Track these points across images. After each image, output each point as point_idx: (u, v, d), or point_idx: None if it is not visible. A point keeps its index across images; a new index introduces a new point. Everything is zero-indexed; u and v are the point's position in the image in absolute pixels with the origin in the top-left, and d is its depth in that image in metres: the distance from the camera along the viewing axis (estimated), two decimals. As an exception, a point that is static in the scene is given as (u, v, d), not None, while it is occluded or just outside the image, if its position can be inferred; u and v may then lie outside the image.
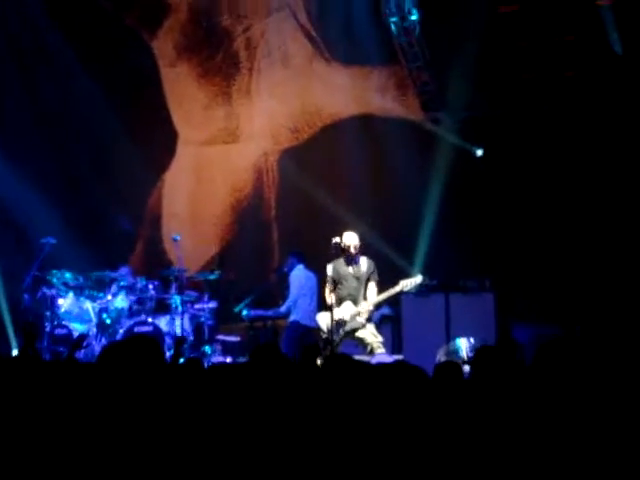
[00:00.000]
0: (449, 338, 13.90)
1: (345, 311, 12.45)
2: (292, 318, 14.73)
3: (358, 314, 12.40)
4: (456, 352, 12.65)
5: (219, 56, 18.25)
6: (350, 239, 12.60)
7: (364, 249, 12.77)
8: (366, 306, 12.44)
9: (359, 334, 12.42)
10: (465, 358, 12.20)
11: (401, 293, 12.97)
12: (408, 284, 12.57)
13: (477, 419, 5.48)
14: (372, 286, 12.57)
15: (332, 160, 17.37)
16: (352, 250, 12.54)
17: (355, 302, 12.49)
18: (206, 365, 10.99)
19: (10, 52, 17.32)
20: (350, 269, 12.59)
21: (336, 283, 12.52)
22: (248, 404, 5.30)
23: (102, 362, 5.21)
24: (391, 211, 16.45)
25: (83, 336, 11.84)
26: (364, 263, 12.63)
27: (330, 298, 12.38)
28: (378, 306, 12.95)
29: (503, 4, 15.58)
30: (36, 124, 17.45)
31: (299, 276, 14.94)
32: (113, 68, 17.87)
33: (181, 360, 9.58)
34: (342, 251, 12.56)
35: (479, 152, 16.33)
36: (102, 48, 17.94)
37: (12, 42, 17.38)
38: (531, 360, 5.80)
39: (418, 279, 12.66)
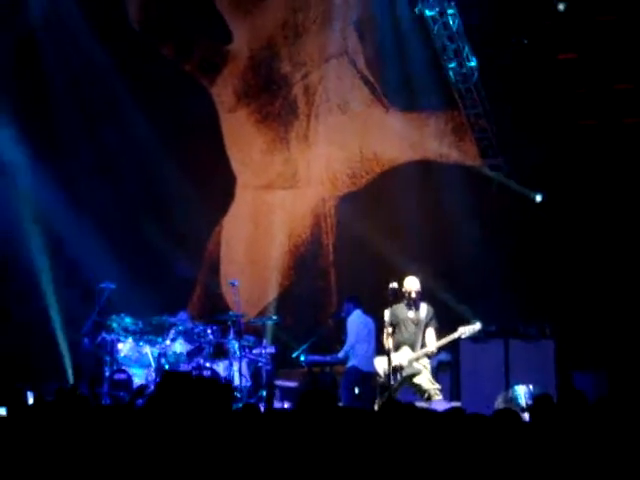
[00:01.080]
0: (508, 385, 13.75)
1: (403, 357, 12.39)
2: (350, 364, 14.66)
3: (416, 360, 12.34)
4: (515, 400, 12.51)
5: (278, 102, 18.39)
6: (411, 284, 12.56)
7: (423, 295, 12.73)
8: (424, 352, 12.37)
9: (416, 380, 12.36)
10: (524, 406, 12.06)
11: (459, 339, 12.88)
12: (467, 331, 12.50)
13: (536, 467, 5.42)
14: (431, 332, 12.51)
15: (390, 205, 17.35)
16: (413, 295, 12.51)
17: (413, 348, 12.43)
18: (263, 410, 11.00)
19: (73, 98, 17.58)
20: (409, 314, 12.55)
21: (394, 328, 12.47)
22: (302, 450, 5.29)
23: (160, 394, 5.21)
24: (450, 257, 16.38)
25: (145, 386, 11.89)
26: (424, 309, 12.59)
27: (388, 343, 12.33)
28: (436, 352, 12.86)
29: (562, 52, 15.53)
30: (97, 169, 17.68)
31: (356, 321, 14.89)
32: (173, 114, 18.07)
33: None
34: (402, 296, 12.54)
35: (538, 198, 16.23)
36: (162, 94, 18.17)
37: (74, 88, 17.64)
38: (592, 409, 5.73)
39: (477, 326, 12.57)
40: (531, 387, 12.73)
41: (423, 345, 12.43)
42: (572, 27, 15.23)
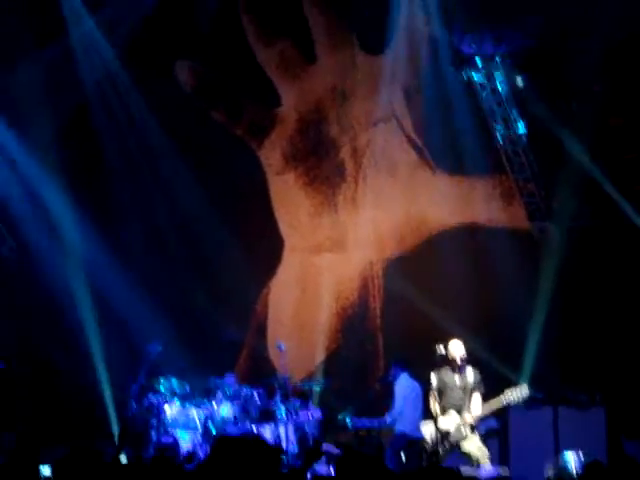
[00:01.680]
0: (557, 452, 13.57)
1: (450, 422, 12.31)
2: (398, 429, 14.58)
3: (463, 425, 12.24)
4: (565, 468, 12.31)
5: (325, 165, 18.49)
6: (456, 348, 12.53)
7: (470, 359, 12.66)
8: (471, 417, 12.27)
9: (464, 445, 12.26)
10: (574, 474, 11.89)
11: (508, 406, 12.75)
12: (514, 394, 12.40)
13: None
14: (477, 397, 12.44)
15: (437, 269, 17.29)
16: (458, 360, 12.47)
17: (460, 412, 12.36)
18: (310, 475, 10.92)
19: (124, 162, 17.82)
20: (456, 379, 12.49)
21: (441, 392, 12.41)
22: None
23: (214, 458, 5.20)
24: (497, 321, 16.26)
25: (193, 455, 11.89)
26: (470, 373, 12.52)
27: (435, 408, 12.29)
28: (484, 417, 12.75)
29: (613, 116, 15.51)
30: (146, 231, 17.86)
31: (404, 385, 14.81)
32: (222, 177, 18.24)
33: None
34: (448, 360, 12.49)
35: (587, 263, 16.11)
36: (212, 157, 18.38)
37: (125, 152, 17.88)
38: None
39: (524, 389, 12.47)
40: (581, 454, 12.55)
41: (470, 409, 12.34)
42: (621, 92, 15.20)
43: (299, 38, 18.28)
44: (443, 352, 12.44)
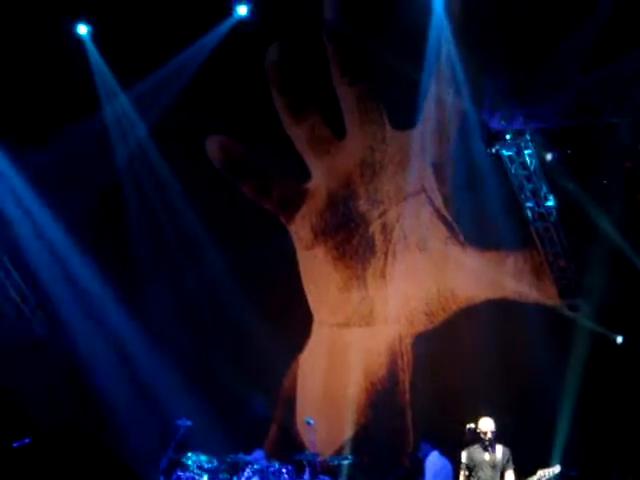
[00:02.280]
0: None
1: None
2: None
3: None
4: None
5: (355, 240, 18.50)
6: (486, 425, 12.42)
7: (500, 438, 12.54)
8: None
9: None
10: None
11: None
12: (546, 474, 12.25)
13: None
14: (510, 475, 12.29)
15: (467, 344, 17.22)
16: (488, 436, 12.35)
17: None
18: None
19: (154, 237, 17.95)
20: (486, 456, 12.37)
21: (471, 470, 12.29)
22: None
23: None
24: (528, 397, 16.16)
25: None
26: (500, 451, 12.41)
27: None
28: None
29: (640, 192, 15.56)
30: (176, 307, 17.93)
31: (434, 462, 14.72)
32: (251, 251, 18.26)
33: None
34: (478, 438, 12.39)
35: (619, 339, 15.98)
36: (241, 231, 18.46)
37: (156, 227, 18.02)
38: None
39: (556, 469, 12.33)
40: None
41: None
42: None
43: (329, 114, 18.41)
44: (473, 430, 12.37)
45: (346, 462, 16.16)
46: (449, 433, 14.60)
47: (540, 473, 12.27)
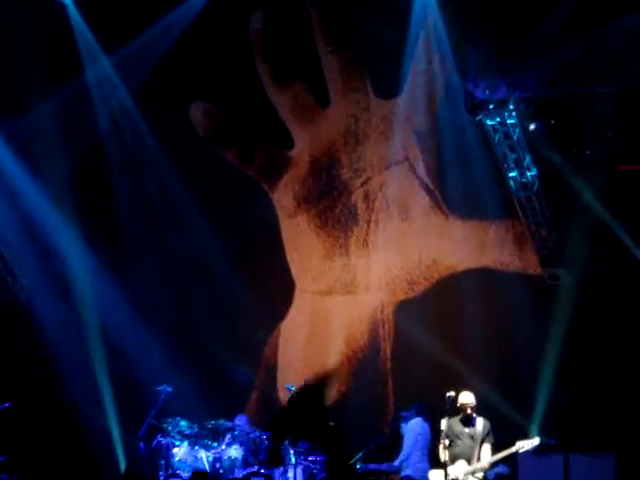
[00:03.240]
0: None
1: (459, 470, 12.25)
2: (404, 473, 14.53)
3: (472, 473, 12.19)
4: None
5: (338, 208, 18.50)
6: (466, 399, 12.54)
7: (480, 407, 12.63)
8: (480, 466, 12.22)
9: None
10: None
11: (517, 452, 12.69)
12: (525, 445, 12.36)
13: None
14: (487, 448, 12.43)
15: (448, 313, 17.28)
16: (468, 410, 12.47)
17: (469, 461, 12.31)
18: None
19: (137, 204, 17.89)
20: (466, 429, 12.47)
21: (450, 441, 12.38)
22: None
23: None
24: (508, 366, 16.24)
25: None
26: (480, 423, 12.52)
27: (444, 455, 12.24)
28: (493, 465, 12.67)
29: (622, 163, 15.52)
30: (158, 272, 17.89)
31: (414, 430, 14.75)
32: (235, 219, 18.26)
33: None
34: (458, 410, 12.48)
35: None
36: (224, 199, 18.42)
37: (139, 194, 17.97)
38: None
39: (535, 441, 12.44)
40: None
41: (479, 459, 12.28)
42: (633, 139, 15.22)
43: (313, 82, 18.37)
44: (453, 399, 12.46)
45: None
46: (430, 401, 14.66)
47: (519, 444, 12.37)
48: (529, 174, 15.86)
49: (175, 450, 15.12)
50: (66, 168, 17.39)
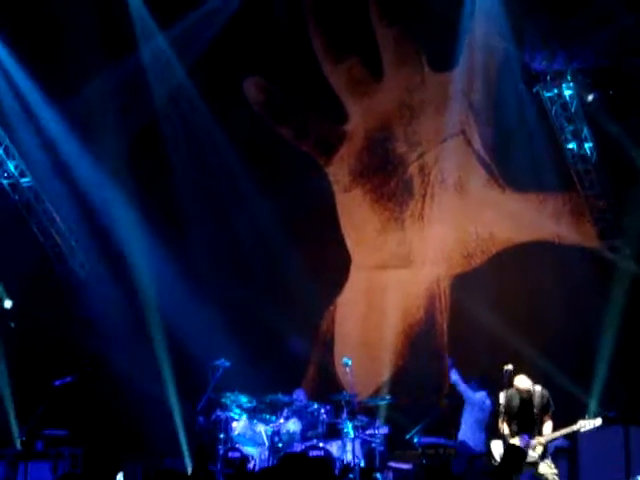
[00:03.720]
0: (629, 474, 13.41)
1: (519, 444, 12.20)
2: (460, 437, 14.55)
3: (534, 448, 12.14)
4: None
5: (393, 182, 18.46)
6: (522, 383, 12.47)
7: (539, 380, 12.57)
8: (542, 440, 12.17)
9: (540, 468, 12.14)
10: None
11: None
12: (587, 425, 12.27)
13: None
14: (548, 422, 12.33)
15: (505, 286, 17.19)
16: (524, 395, 12.37)
17: (530, 434, 12.25)
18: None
19: (194, 180, 17.99)
20: (524, 401, 12.39)
21: (509, 414, 12.34)
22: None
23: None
24: (568, 339, 16.13)
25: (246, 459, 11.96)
26: (538, 393, 12.42)
27: (502, 428, 12.23)
28: (553, 439, 12.61)
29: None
30: (216, 248, 17.98)
31: (477, 404, 14.75)
32: (290, 193, 18.28)
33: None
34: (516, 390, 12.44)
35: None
36: (278, 173, 18.46)
37: (196, 170, 18.05)
38: None
39: (597, 421, 12.33)
40: (653, 477, 12.42)
41: (540, 433, 12.23)
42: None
43: (367, 55, 18.31)
44: (511, 372, 12.44)
45: (383, 403, 16.22)
46: (488, 375, 14.64)
47: (581, 423, 12.30)
48: (587, 146, 15.73)
49: (234, 424, 15.20)
50: (123, 145, 17.51)
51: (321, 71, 18.58)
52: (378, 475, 14.55)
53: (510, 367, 12.62)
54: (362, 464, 14.77)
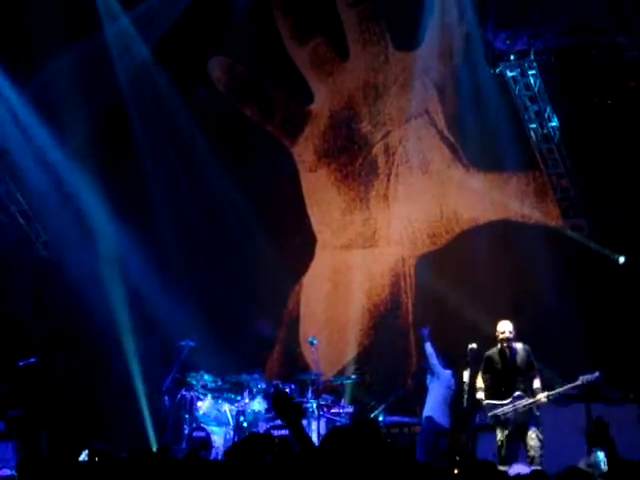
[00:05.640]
0: (590, 450, 13.50)
1: (507, 405, 12.20)
2: (427, 414, 14.59)
3: (522, 408, 12.12)
4: (597, 465, 12.25)
5: (358, 162, 18.48)
6: (504, 326, 12.45)
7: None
8: (543, 398, 12.17)
9: (525, 437, 12.14)
10: (605, 472, 11.82)
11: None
12: (588, 378, 12.34)
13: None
14: (535, 376, 12.31)
15: (470, 265, 17.29)
16: (506, 335, 12.35)
17: (514, 391, 12.21)
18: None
19: (157, 159, 17.90)
20: (506, 358, 12.37)
21: (491, 374, 12.33)
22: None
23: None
24: (530, 317, 16.19)
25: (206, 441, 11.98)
26: (520, 350, 12.42)
27: (478, 382, 12.25)
28: (550, 398, 12.52)
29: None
30: (180, 229, 17.91)
31: (444, 383, 14.75)
32: (254, 173, 18.26)
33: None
34: (496, 341, 12.42)
35: (621, 259, 15.99)
36: (243, 153, 18.42)
37: (159, 149, 17.97)
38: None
39: (596, 375, 12.41)
40: (614, 452, 12.46)
41: (533, 393, 12.22)
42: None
43: (332, 35, 18.30)
44: (475, 351, 12.48)
45: (349, 382, 16.28)
46: (452, 353, 14.69)
47: (582, 378, 12.38)
48: (550, 125, 15.77)
49: (199, 404, 15.21)
50: (88, 126, 17.38)
51: (286, 51, 18.53)
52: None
53: (474, 345, 12.69)
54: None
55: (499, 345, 12.47)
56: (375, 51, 18.24)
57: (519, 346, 12.49)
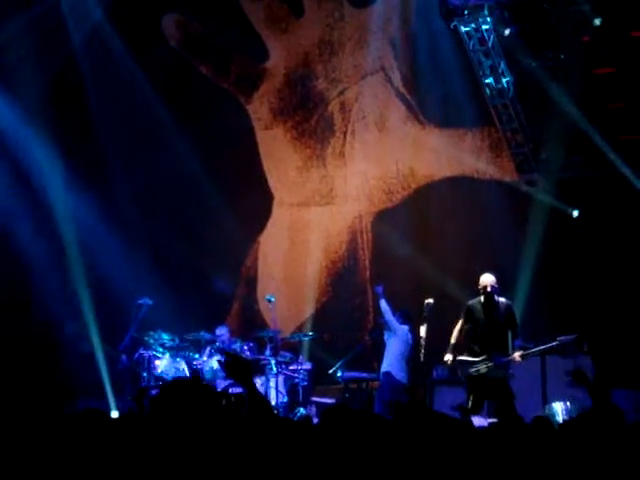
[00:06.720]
0: (545, 402, 13.68)
1: (484, 361, 12.26)
2: (383, 369, 14.65)
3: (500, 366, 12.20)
4: (553, 416, 12.42)
5: (314, 119, 18.46)
6: (486, 279, 12.45)
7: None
8: (517, 357, 12.23)
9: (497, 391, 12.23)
10: (562, 422, 11.96)
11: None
12: (564, 340, 12.45)
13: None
14: (514, 333, 12.36)
15: (426, 221, 17.38)
16: (488, 289, 12.35)
17: (492, 344, 12.25)
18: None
19: (112, 118, 17.67)
20: (487, 312, 12.39)
21: (472, 322, 12.37)
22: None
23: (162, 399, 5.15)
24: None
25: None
26: (503, 305, 12.45)
27: (456, 336, 12.32)
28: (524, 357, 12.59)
29: (598, 67, 15.45)
30: (135, 187, 17.78)
31: (402, 338, 14.80)
32: (210, 132, 18.17)
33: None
34: (479, 292, 12.47)
35: (575, 213, 16.12)
36: (200, 112, 18.32)
37: (114, 108, 17.72)
38: (630, 429, 5.67)
39: (573, 336, 12.53)
40: (568, 404, 12.65)
41: (507, 345, 12.27)
42: (608, 42, 15.13)
43: (287, -9, 18.21)
44: (432, 306, 12.54)
45: (307, 339, 16.33)
46: (409, 309, 14.76)
47: (560, 339, 12.47)
48: (504, 80, 15.79)
49: (157, 362, 15.18)
50: (40, 83, 17.13)
51: (241, 8, 18.41)
52: (301, 409, 14.67)
53: (431, 301, 12.74)
54: (285, 399, 14.90)
55: (482, 297, 12.45)
56: (330, 7, 18.17)
57: (502, 300, 12.51)
